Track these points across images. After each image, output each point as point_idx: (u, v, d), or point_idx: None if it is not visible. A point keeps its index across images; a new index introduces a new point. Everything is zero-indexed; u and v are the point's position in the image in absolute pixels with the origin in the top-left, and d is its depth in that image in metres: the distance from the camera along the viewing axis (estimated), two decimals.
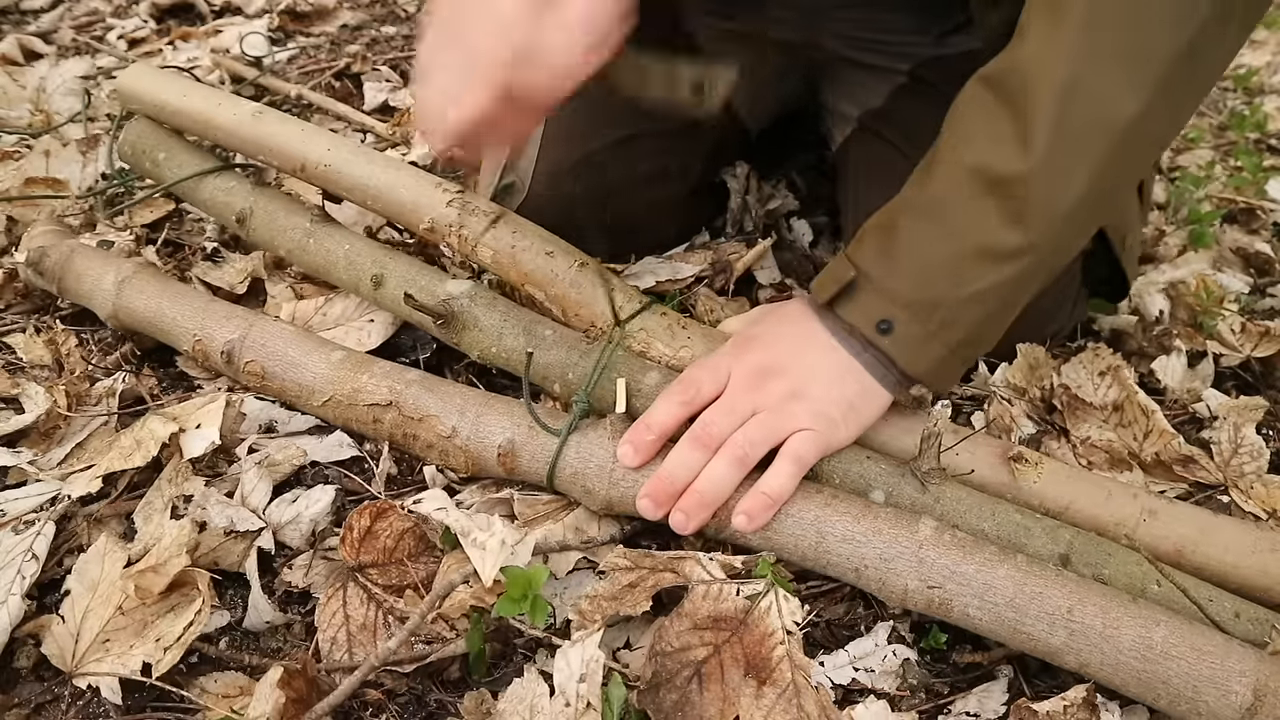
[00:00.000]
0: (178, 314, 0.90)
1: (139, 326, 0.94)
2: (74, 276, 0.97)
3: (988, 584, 0.66)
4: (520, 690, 0.64)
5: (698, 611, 0.69)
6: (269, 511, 0.78)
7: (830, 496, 0.72)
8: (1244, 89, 2.09)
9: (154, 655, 0.65)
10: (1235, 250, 1.34)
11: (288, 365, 0.85)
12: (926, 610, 0.69)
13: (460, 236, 0.89)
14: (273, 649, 0.71)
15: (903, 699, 0.68)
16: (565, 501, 0.80)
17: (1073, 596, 0.64)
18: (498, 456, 0.78)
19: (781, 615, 0.69)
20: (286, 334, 0.87)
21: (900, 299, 0.72)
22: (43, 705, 0.65)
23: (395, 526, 0.76)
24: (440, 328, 0.86)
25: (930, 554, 0.67)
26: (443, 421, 0.79)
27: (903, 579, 0.68)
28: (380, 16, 2.05)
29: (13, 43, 1.66)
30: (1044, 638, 0.65)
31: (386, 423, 0.82)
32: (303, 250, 0.97)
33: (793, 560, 0.73)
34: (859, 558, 0.70)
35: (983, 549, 0.68)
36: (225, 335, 0.87)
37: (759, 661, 0.67)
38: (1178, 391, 1.00)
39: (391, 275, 0.90)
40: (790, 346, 0.76)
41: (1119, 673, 0.63)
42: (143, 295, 0.92)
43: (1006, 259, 0.70)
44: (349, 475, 0.85)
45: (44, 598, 0.72)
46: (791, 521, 0.71)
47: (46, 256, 0.98)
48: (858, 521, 0.70)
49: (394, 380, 0.82)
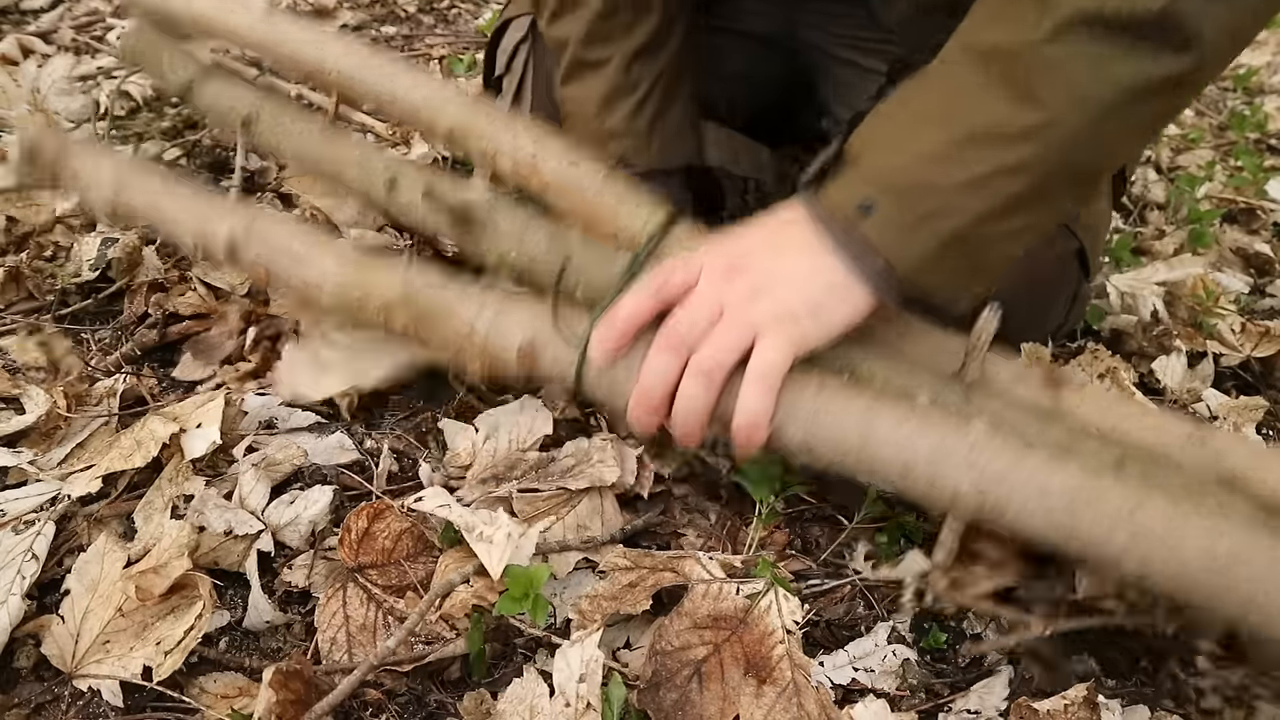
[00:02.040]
0: (178, 209, 0.85)
1: (140, 219, 0.90)
2: (70, 173, 0.92)
3: (1045, 484, 0.60)
4: (520, 690, 0.64)
5: (698, 611, 0.69)
6: (268, 513, 0.78)
7: (875, 396, 0.66)
8: (1244, 89, 2.09)
9: (154, 658, 0.65)
10: (1235, 250, 1.34)
11: (293, 260, 0.79)
12: (978, 514, 0.63)
13: (480, 143, 0.83)
14: (273, 649, 0.71)
15: (903, 698, 0.68)
16: (565, 496, 0.80)
17: (1134, 498, 0.59)
18: (518, 355, 0.72)
19: (781, 614, 0.69)
20: (291, 227, 0.82)
21: (885, 180, 0.65)
22: (43, 705, 0.65)
23: (393, 527, 0.76)
24: (457, 231, 0.80)
25: (983, 454, 0.61)
26: (460, 319, 0.73)
27: (953, 480, 0.62)
28: (380, 16, 2.05)
29: (13, 43, 1.66)
30: (1102, 542, 0.59)
31: (399, 321, 0.76)
32: (313, 155, 0.91)
33: (833, 463, 0.66)
34: (906, 457, 0.63)
35: (1037, 450, 0.62)
36: (227, 228, 0.81)
37: (759, 661, 0.67)
38: (1178, 391, 1.00)
39: (405, 178, 0.85)
40: (764, 240, 0.71)
41: (1182, 580, 0.58)
42: (141, 191, 0.88)
43: (1014, 140, 0.63)
44: (348, 474, 0.85)
45: (44, 598, 0.72)
46: (833, 420, 0.65)
47: (41, 150, 0.93)
48: (905, 420, 0.64)
49: (407, 276, 0.76)
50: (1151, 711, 0.68)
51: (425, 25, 2.07)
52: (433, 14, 2.15)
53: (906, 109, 0.68)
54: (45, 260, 1.09)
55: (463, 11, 2.18)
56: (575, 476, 0.81)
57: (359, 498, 0.83)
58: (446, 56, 1.86)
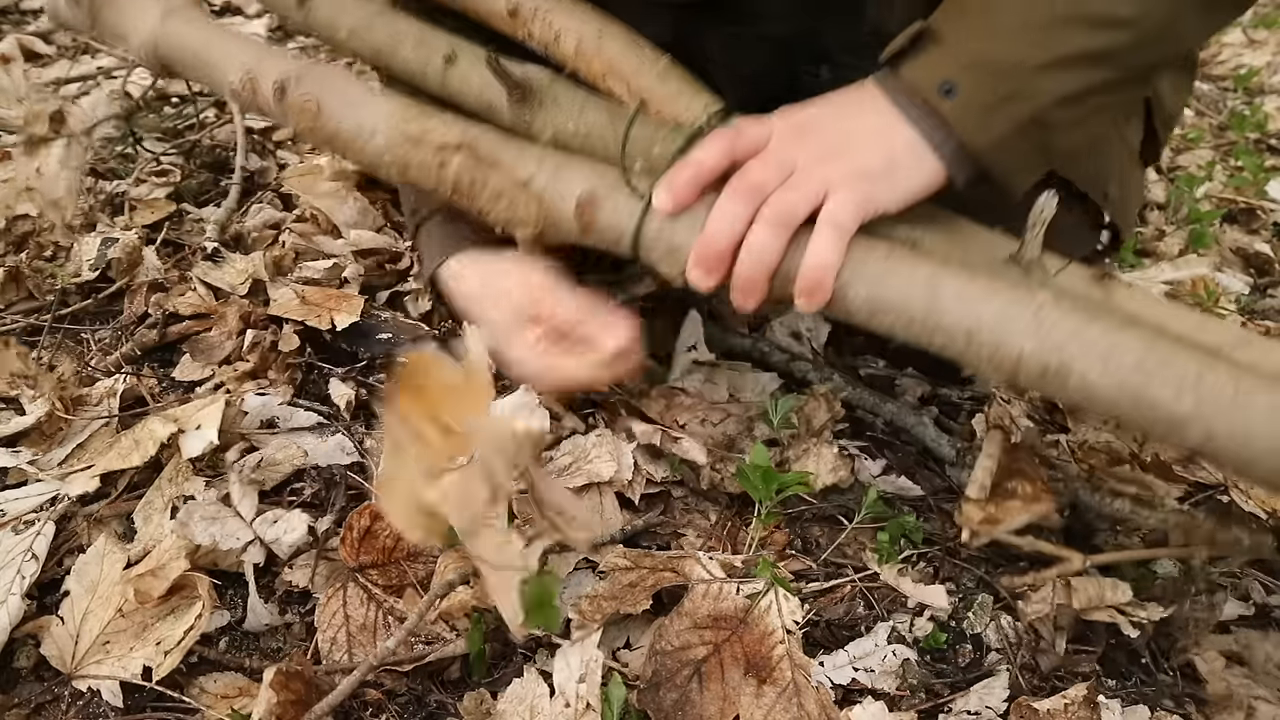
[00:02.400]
0: (232, 46, 0.85)
1: (180, 57, 0.87)
2: (113, 5, 0.91)
3: (1113, 345, 0.60)
4: (520, 690, 0.64)
5: (698, 610, 0.69)
6: (256, 525, 0.77)
7: (939, 265, 0.65)
8: (1244, 89, 2.09)
9: (154, 658, 0.65)
10: (1235, 250, 1.34)
11: (347, 103, 0.78)
12: (1040, 379, 0.62)
13: (545, 22, 0.82)
14: (272, 649, 0.71)
15: (902, 699, 0.68)
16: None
17: (1202, 363, 0.59)
18: (576, 208, 0.71)
19: (781, 614, 0.69)
20: (349, 75, 0.82)
21: (969, 58, 0.65)
22: (43, 705, 0.65)
23: (394, 527, 0.76)
24: (515, 104, 0.79)
25: (1050, 315, 0.61)
26: (519, 168, 0.73)
27: (1019, 340, 0.61)
28: None
29: (12, 43, 1.66)
30: (1170, 404, 0.59)
31: (453, 167, 0.75)
32: (368, 28, 0.89)
33: (898, 324, 0.66)
34: (974, 317, 0.62)
35: (1105, 315, 0.62)
36: (281, 69, 0.80)
37: (759, 660, 0.67)
38: None
39: (465, 54, 0.83)
40: (839, 108, 0.71)
41: (1249, 444, 0.57)
42: (191, 25, 0.87)
43: (1106, 26, 0.63)
44: (350, 474, 0.85)
45: (44, 598, 0.72)
46: (901, 279, 0.65)
47: None
48: (972, 282, 0.63)
49: (466, 125, 0.76)
50: (1151, 711, 0.68)
51: None
52: None
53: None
54: (45, 260, 1.09)
55: None
56: (573, 474, 0.81)
57: (359, 497, 0.83)
58: None
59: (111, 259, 1.08)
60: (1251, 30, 2.40)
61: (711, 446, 0.88)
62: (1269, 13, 2.52)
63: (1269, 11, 2.54)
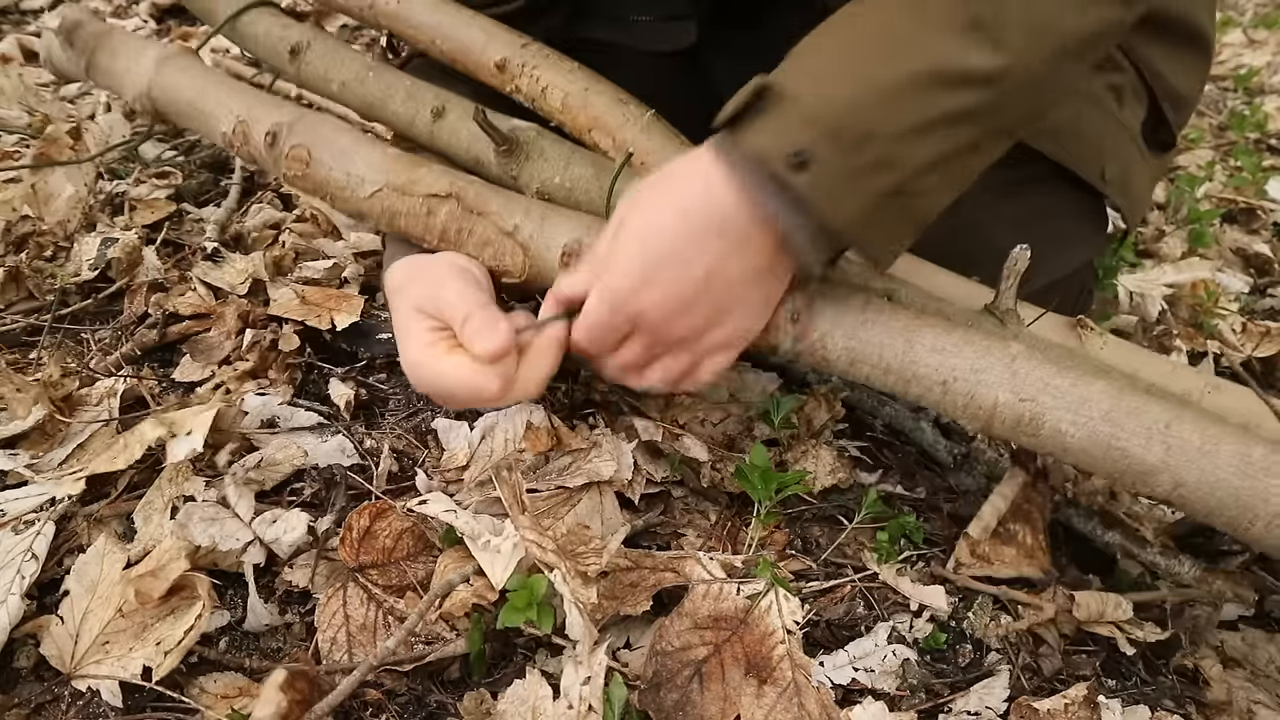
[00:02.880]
0: (224, 94, 0.86)
1: (174, 106, 0.88)
2: (108, 52, 0.93)
3: (1084, 397, 0.61)
4: (522, 691, 0.64)
5: (698, 611, 0.69)
6: (255, 524, 0.76)
7: (918, 313, 0.67)
8: (1244, 89, 2.09)
9: (153, 658, 0.65)
10: (1235, 250, 1.34)
11: (337, 153, 0.80)
12: (1014, 429, 0.64)
13: (532, 78, 0.83)
14: (272, 649, 0.71)
15: (903, 699, 0.68)
16: (565, 495, 0.80)
17: (1171, 412, 0.60)
18: (562, 258, 0.72)
19: (782, 614, 0.69)
20: (338, 124, 0.83)
21: (824, 122, 0.57)
22: (43, 705, 0.65)
23: (394, 526, 0.75)
24: (502, 157, 0.81)
25: (1024, 366, 0.63)
26: (505, 218, 0.75)
27: (994, 391, 0.63)
28: None
29: (12, 43, 1.66)
30: (1139, 453, 0.60)
31: (441, 216, 0.76)
32: (360, 82, 0.91)
33: (874, 374, 0.68)
34: (949, 368, 0.64)
35: (1077, 365, 0.64)
36: (273, 118, 0.82)
37: (759, 661, 0.67)
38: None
39: (454, 107, 0.85)
40: (671, 242, 0.63)
41: (1216, 492, 0.59)
42: (186, 74, 0.88)
43: (968, 85, 0.57)
44: (350, 475, 0.85)
45: (44, 597, 0.72)
46: (878, 330, 0.66)
47: (81, 28, 0.94)
48: (948, 333, 0.65)
49: (454, 176, 0.78)
50: (1152, 712, 0.68)
51: None
52: None
53: (841, 42, 0.61)
54: (45, 260, 1.09)
55: None
56: (573, 474, 0.81)
57: (359, 498, 0.82)
58: None
59: (111, 259, 1.08)
60: (1251, 30, 2.40)
61: (712, 446, 0.88)
62: (1269, 13, 2.53)
63: (1269, 11, 2.54)
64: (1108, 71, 0.87)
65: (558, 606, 0.67)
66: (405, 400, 0.95)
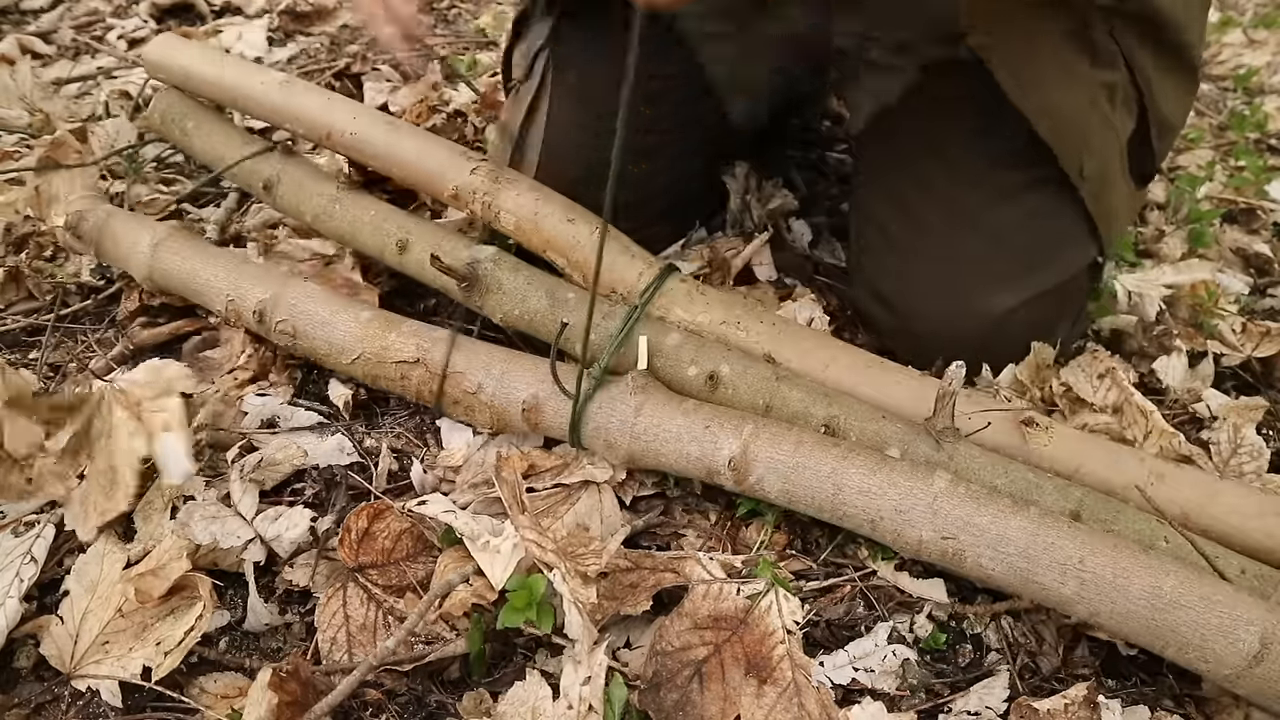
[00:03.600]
0: (211, 275, 0.92)
1: (174, 289, 0.95)
2: (111, 239, 0.99)
3: (1001, 535, 0.66)
4: (522, 693, 0.64)
5: (698, 611, 0.69)
6: (257, 522, 0.77)
7: (847, 450, 0.71)
8: (1244, 89, 2.09)
9: (153, 659, 0.65)
10: (1235, 250, 1.34)
11: (318, 324, 0.87)
12: (941, 560, 0.69)
13: (484, 204, 0.90)
14: (272, 649, 0.71)
15: (902, 699, 0.68)
16: (564, 494, 0.80)
17: (1084, 547, 0.64)
18: (522, 413, 0.80)
19: (782, 615, 0.69)
20: (316, 294, 0.89)
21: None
22: (43, 705, 0.65)
23: (393, 527, 0.75)
24: (464, 291, 0.87)
25: (945, 505, 0.67)
26: (469, 378, 0.82)
27: (917, 530, 0.68)
28: None
29: (12, 43, 1.66)
30: (1055, 587, 0.65)
31: (414, 379, 0.84)
32: (328, 216, 0.97)
33: (809, 512, 0.73)
34: (874, 510, 0.69)
35: (996, 501, 0.67)
36: (257, 295, 0.89)
37: (759, 661, 0.67)
38: (1178, 391, 1.00)
39: (417, 240, 0.91)
40: None
41: (1129, 621, 0.63)
42: (177, 257, 0.94)
43: None
44: (350, 474, 0.85)
45: (44, 598, 0.72)
46: (809, 474, 0.71)
47: (84, 220, 1.01)
48: (873, 474, 0.69)
49: (420, 338, 0.84)
50: (1152, 712, 0.68)
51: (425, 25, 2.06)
52: (433, 14, 2.15)
53: None
54: (45, 260, 1.09)
55: (463, 11, 2.18)
56: (570, 473, 0.81)
57: (359, 497, 0.82)
58: (446, 56, 1.85)
59: None
60: (1251, 30, 2.40)
61: None
62: (1269, 13, 2.53)
63: (1269, 11, 2.54)
64: (1102, 67, 0.87)
65: (557, 606, 0.68)
66: (405, 400, 0.95)
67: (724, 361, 0.80)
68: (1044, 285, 0.91)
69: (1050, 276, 0.91)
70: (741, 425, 0.74)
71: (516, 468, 0.79)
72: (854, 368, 0.82)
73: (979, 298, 0.90)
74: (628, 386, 0.78)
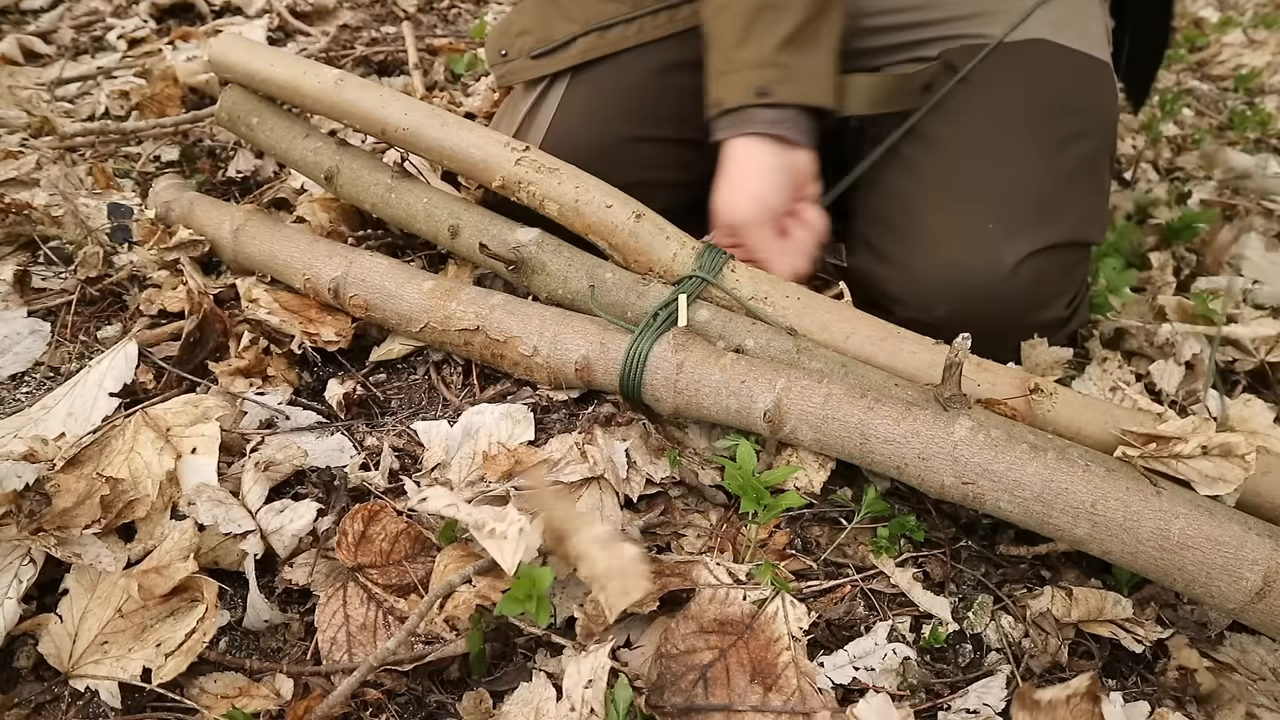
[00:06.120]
0: (287, 256, 1.01)
1: (255, 266, 1.04)
2: (197, 226, 1.08)
3: (1017, 480, 0.70)
4: (526, 694, 0.64)
5: (704, 615, 0.69)
6: (260, 515, 0.77)
7: (873, 401, 0.76)
8: (1244, 89, 2.09)
9: (154, 660, 0.65)
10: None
11: (386, 297, 0.96)
12: (962, 502, 0.73)
13: (529, 193, 0.96)
14: (272, 649, 0.71)
15: (902, 698, 0.68)
16: (564, 492, 0.79)
17: (1096, 492, 0.68)
18: (575, 371, 0.88)
19: (788, 621, 0.69)
20: (382, 267, 0.97)
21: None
22: (42, 705, 0.65)
23: (389, 529, 0.75)
24: (511, 273, 0.95)
25: (964, 453, 0.71)
26: (524, 342, 0.90)
27: (939, 476, 0.72)
28: (380, 16, 2.05)
29: (13, 43, 1.66)
30: (1069, 529, 0.69)
31: (476, 345, 0.93)
32: (385, 204, 1.05)
33: (842, 456, 0.78)
34: (899, 457, 0.74)
35: (1014, 447, 0.71)
36: (330, 273, 0.98)
37: (765, 666, 0.67)
38: (1175, 396, 1.00)
39: (466, 225, 0.99)
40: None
41: (1138, 560, 0.68)
42: (255, 241, 1.04)
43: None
44: (350, 474, 0.84)
45: (44, 597, 0.72)
46: (838, 424, 0.76)
47: (171, 210, 1.10)
48: (898, 424, 0.74)
49: (479, 306, 0.92)
50: (1152, 709, 0.68)
51: (425, 25, 2.07)
52: (433, 14, 2.15)
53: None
54: (46, 260, 1.09)
55: (463, 11, 2.18)
56: (567, 472, 0.80)
57: (360, 496, 0.82)
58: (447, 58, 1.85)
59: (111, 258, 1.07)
60: (1251, 30, 2.40)
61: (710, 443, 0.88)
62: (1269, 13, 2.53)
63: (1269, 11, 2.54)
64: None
65: (556, 604, 0.67)
66: (406, 399, 0.95)
67: (749, 336, 0.87)
68: (1055, 238, 0.90)
69: (1060, 230, 0.91)
70: (775, 379, 0.79)
71: (503, 467, 0.81)
72: (873, 339, 0.86)
73: (995, 244, 0.89)
74: (669, 344, 0.83)
